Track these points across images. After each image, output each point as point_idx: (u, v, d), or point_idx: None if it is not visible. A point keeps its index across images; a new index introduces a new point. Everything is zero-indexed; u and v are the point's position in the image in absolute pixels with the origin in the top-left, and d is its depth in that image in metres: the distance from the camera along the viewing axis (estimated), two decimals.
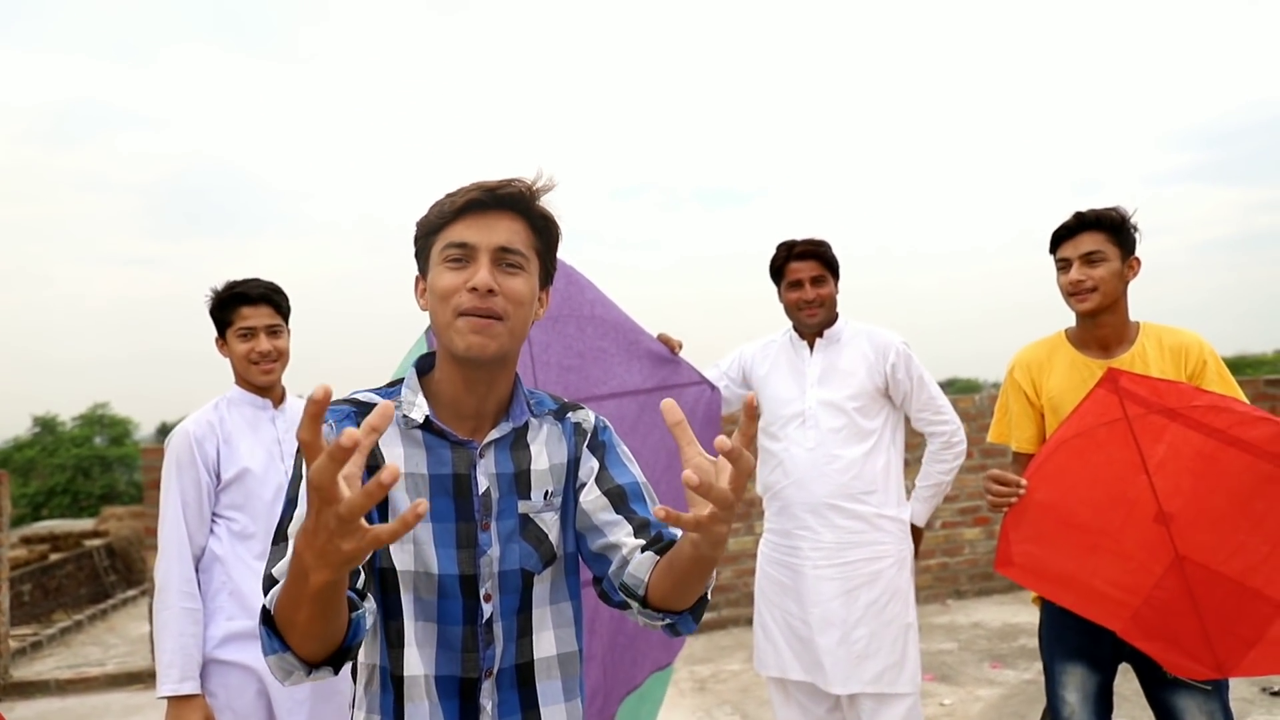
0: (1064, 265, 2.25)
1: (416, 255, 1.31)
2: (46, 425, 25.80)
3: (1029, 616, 5.75)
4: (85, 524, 13.23)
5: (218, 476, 2.27)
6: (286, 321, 2.42)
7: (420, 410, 1.26)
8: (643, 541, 1.26)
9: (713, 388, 2.55)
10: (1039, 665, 4.76)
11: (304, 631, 1.03)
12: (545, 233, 1.29)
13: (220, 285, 2.37)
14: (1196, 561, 1.97)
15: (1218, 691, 2.08)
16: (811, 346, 2.68)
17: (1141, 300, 2.31)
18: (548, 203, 1.29)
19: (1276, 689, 4.17)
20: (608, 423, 1.42)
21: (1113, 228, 2.21)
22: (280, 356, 2.38)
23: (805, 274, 2.62)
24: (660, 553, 1.24)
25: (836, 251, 2.68)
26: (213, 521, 2.29)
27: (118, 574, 10.48)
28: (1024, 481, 2.09)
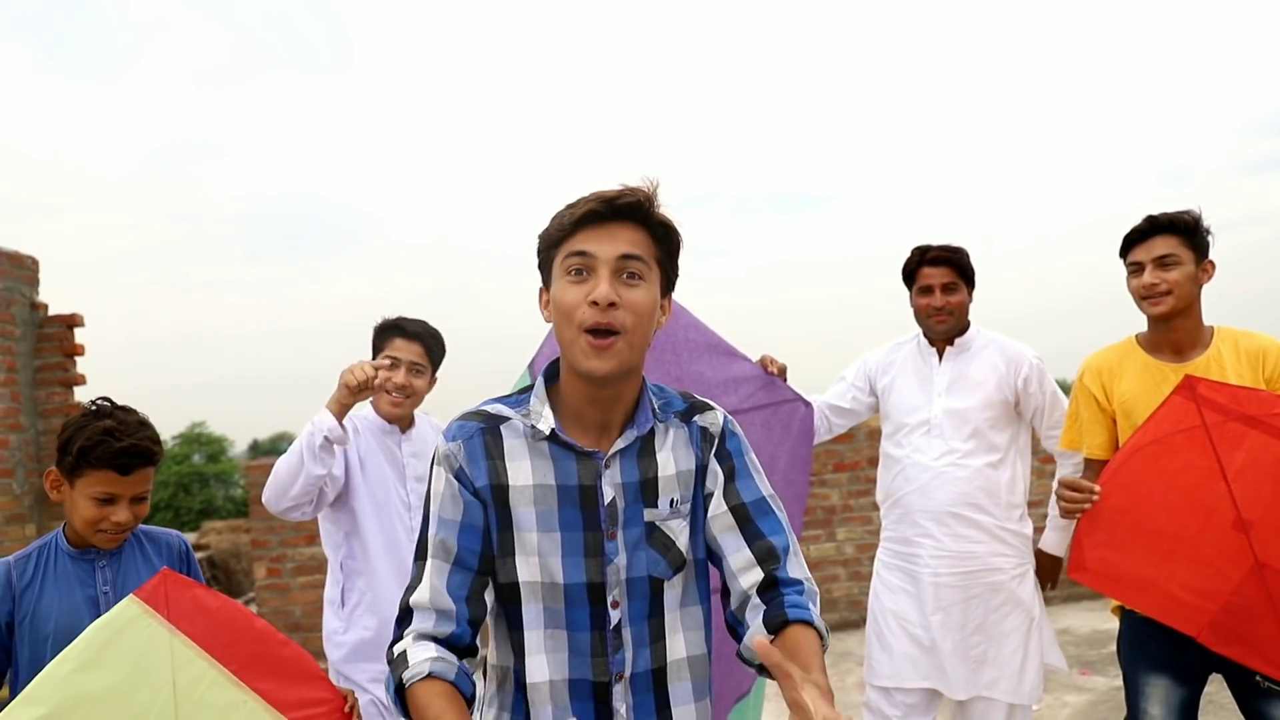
0: (1136, 269, 2.26)
1: (540, 267, 1.32)
2: None
3: (1117, 622, 5.66)
4: (188, 537, 13.87)
5: (345, 491, 2.47)
6: (434, 368, 2.54)
7: (547, 422, 1.28)
8: (759, 577, 1.27)
9: (806, 404, 2.60)
10: None
11: None
12: (666, 240, 1.28)
13: (390, 316, 2.53)
14: (1277, 569, 1.98)
15: None
16: (941, 354, 2.64)
17: (1235, 293, 2.29)
18: (667, 210, 1.28)
19: None
20: (736, 426, 1.40)
21: (1186, 230, 2.22)
22: (413, 394, 2.50)
23: (937, 280, 2.57)
24: (772, 629, 1.23)
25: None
26: (347, 538, 2.49)
27: (219, 584, 10.97)
28: (1097, 488, 2.10)
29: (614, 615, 1.28)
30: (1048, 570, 2.66)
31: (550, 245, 1.28)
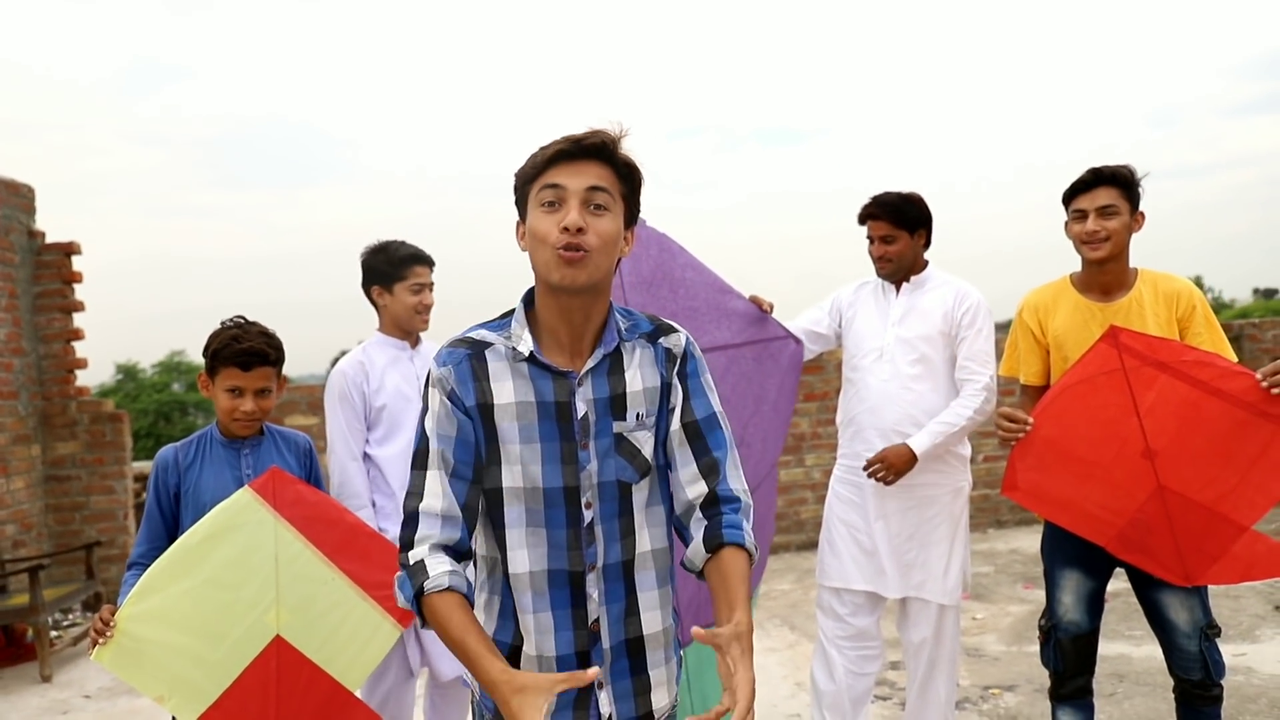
0: (1079, 216, 2.52)
1: (516, 203, 1.47)
2: (129, 373, 27.06)
3: None
4: None
5: (368, 406, 2.78)
6: None
7: (526, 345, 1.44)
8: (703, 491, 1.48)
9: (797, 341, 2.87)
10: None
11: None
12: (629, 178, 1.45)
13: (380, 241, 2.85)
14: (1175, 491, 2.32)
15: (1197, 590, 2.43)
16: (898, 290, 2.94)
17: (1218, 235, 2.52)
18: (630, 152, 1.44)
19: None
20: (696, 348, 1.55)
21: (1125, 183, 2.49)
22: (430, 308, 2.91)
23: (875, 232, 2.87)
24: (710, 548, 1.45)
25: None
26: (370, 446, 2.79)
27: None
28: (1031, 420, 2.41)
29: (587, 514, 1.44)
30: (901, 459, 2.74)
31: (525, 181, 1.44)
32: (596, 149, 1.41)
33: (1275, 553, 2.30)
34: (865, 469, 2.81)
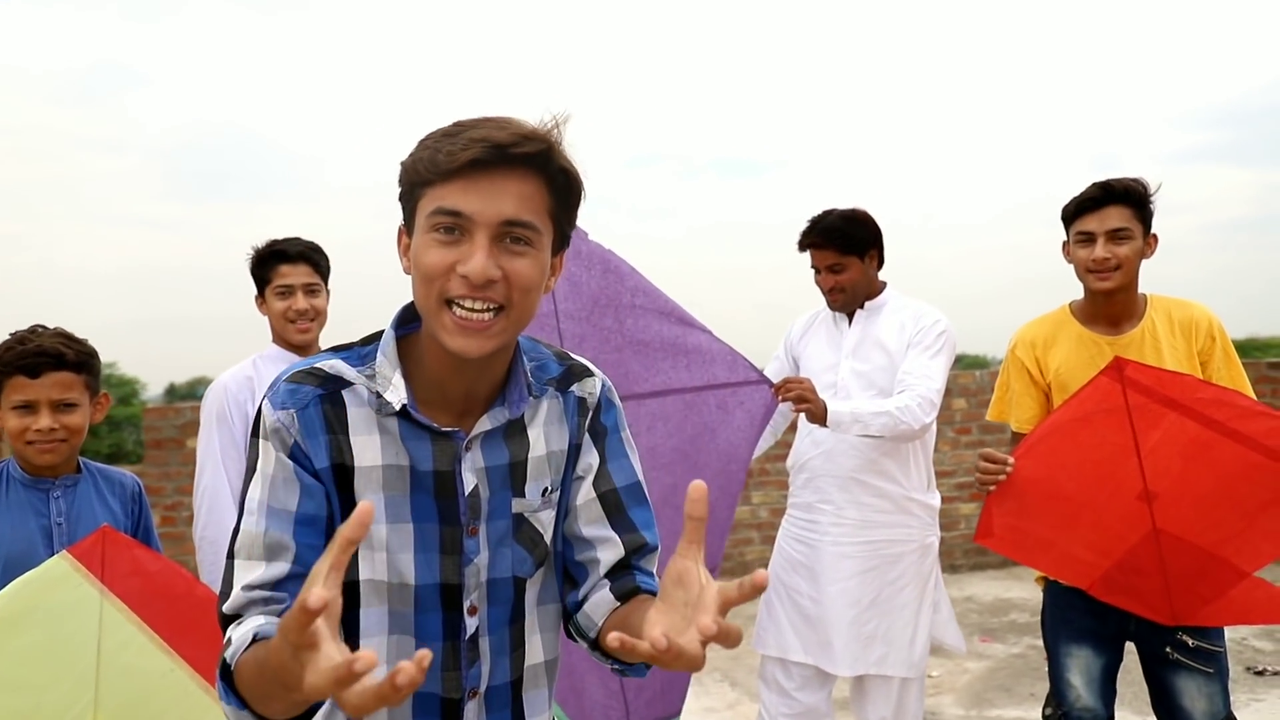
0: (1085, 239, 2.16)
1: (401, 200, 1.05)
2: None
3: (1021, 591, 5.79)
4: None
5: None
6: (326, 281, 2.42)
7: (397, 395, 1.04)
8: (617, 559, 1.13)
9: (771, 385, 2.38)
10: (1028, 640, 4.81)
11: (275, 709, 0.91)
12: (565, 192, 1.03)
13: (261, 244, 2.40)
14: (1172, 534, 2.08)
15: (1219, 675, 2.12)
16: (851, 318, 2.58)
17: (1155, 280, 2.23)
18: (569, 150, 1.02)
19: (1260, 668, 4.21)
20: (615, 395, 1.20)
21: (1138, 202, 2.15)
22: (317, 316, 2.39)
23: (820, 263, 2.52)
24: (620, 596, 1.10)
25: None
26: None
27: None
28: (1011, 461, 2.08)
29: (470, 624, 1.08)
30: (819, 404, 2.30)
31: (416, 184, 1.01)
32: (527, 159, 0.98)
33: (1276, 600, 2.08)
34: (779, 390, 2.32)
